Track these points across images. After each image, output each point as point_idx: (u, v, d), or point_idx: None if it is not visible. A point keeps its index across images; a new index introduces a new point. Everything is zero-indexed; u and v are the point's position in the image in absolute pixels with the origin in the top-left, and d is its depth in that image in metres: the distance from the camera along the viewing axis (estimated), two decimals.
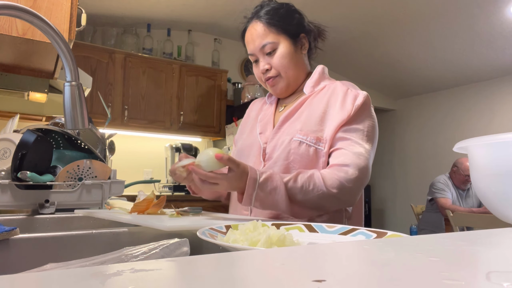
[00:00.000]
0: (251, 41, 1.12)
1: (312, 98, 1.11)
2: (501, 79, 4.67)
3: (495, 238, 0.47)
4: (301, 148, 1.02)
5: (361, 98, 1.04)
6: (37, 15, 0.68)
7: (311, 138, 1.02)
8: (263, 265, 0.31)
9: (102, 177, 1.14)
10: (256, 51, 1.12)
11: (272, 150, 1.08)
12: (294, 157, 1.02)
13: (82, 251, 0.68)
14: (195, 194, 1.11)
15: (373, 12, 3.69)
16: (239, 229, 0.61)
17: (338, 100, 1.06)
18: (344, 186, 0.96)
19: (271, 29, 1.10)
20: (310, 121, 1.05)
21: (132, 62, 3.61)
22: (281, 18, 1.11)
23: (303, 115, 1.07)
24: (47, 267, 0.44)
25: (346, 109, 1.03)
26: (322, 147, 1.02)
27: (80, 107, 0.73)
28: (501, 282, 0.25)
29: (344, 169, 0.97)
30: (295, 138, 1.03)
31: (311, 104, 1.09)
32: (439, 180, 3.65)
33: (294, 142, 1.03)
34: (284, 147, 1.04)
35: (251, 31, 1.12)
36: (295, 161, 1.02)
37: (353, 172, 0.96)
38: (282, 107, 1.18)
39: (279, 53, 1.09)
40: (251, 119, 1.26)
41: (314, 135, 1.03)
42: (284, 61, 1.09)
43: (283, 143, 1.05)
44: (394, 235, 0.59)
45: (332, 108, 1.05)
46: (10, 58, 1.36)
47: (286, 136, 1.06)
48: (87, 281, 0.25)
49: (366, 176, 0.99)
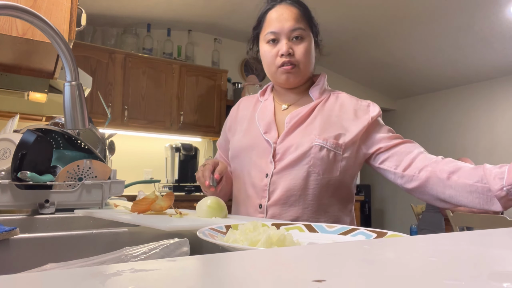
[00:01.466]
0: (282, 19, 1.09)
1: (322, 105, 1.13)
2: (501, 79, 4.67)
3: (495, 238, 0.47)
4: (322, 153, 1.04)
5: (376, 110, 1.11)
6: (37, 15, 0.68)
7: (331, 143, 1.05)
8: (263, 265, 0.31)
9: (102, 177, 1.14)
10: (283, 31, 1.08)
11: (285, 151, 1.07)
12: (315, 161, 1.04)
13: (82, 251, 0.68)
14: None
15: (373, 12, 3.69)
16: (239, 229, 0.61)
17: (350, 110, 1.11)
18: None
19: (304, 19, 1.10)
20: (326, 127, 1.08)
21: (132, 62, 3.61)
22: (310, 15, 1.13)
23: (317, 121, 1.09)
24: (47, 267, 0.44)
25: (363, 118, 1.09)
26: (341, 152, 1.06)
27: (80, 107, 0.73)
28: (501, 282, 0.25)
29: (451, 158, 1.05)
30: (315, 142, 1.05)
31: (322, 111, 1.11)
32: None
33: (315, 147, 1.05)
34: (304, 151, 1.05)
35: (283, 10, 1.10)
36: (315, 165, 1.04)
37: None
38: (285, 106, 1.16)
39: (305, 45, 1.09)
40: (243, 118, 1.23)
41: (333, 140, 1.06)
42: (307, 55, 1.10)
43: (299, 146, 1.06)
44: (394, 235, 0.59)
45: (346, 117, 1.10)
46: (10, 58, 1.36)
47: (302, 139, 1.06)
48: (87, 281, 0.25)
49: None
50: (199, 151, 3.84)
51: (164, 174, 3.81)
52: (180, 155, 3.68)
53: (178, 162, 3.68)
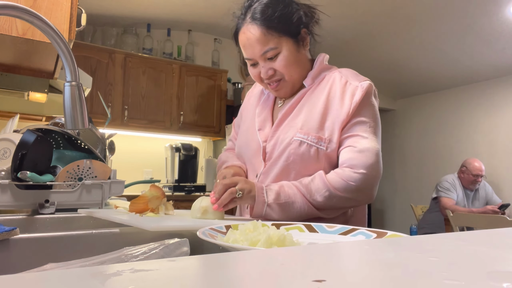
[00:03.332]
0: (249, 46, 1.02)
1: (312, 91, 1.05)
2: (501, 79, 4.67)
3: (495, 238, 0.47)
4: (302, 148, 0.98)
5: (359, 95, 0.99)
6: (37, 15, 0.68)
7: (312, 137, 0.98)
8: (263, 265, 0.31)
9: (102, 177, 1.14)
10: (256, 57, 1.02)
11: (272, 149, 1.04)
12: (294, 158, 0.98)
13: (82, 251, 0.68)
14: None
15: (373, 12, 3.69)
16: (239, 229, 0.61)
17: (337, 94, 1.01)
18: (350, 186, 0.94)
19: (271, 32, 0.99)
20: (310, 118, 1.00)
21: (132, 62, 3.61)
22: (281, 19, 1.00)
23: (303, 111, 1.03)
24: (47, 267, 0.44)
25: (346, 106, 0.99)
26: (324, 147, 0.98)
27: (80, 107, 0.73)
28: (501, 282, 0.25)
29: (349, 170, 0.95)
30: (295, 137, 0.99)
31: (310, 98, 1.04)
32: (446, 179, 3.64)
33: (294, 142, 0.99)
34: (283, 147, 1.00)
35: (247, 34, 1.01)
36: (295, 162, 0.99)
37: (359, 171, 0.95)
38: (281, 101, 1.12)
39: (282, 58, 1.01)
40: (251, 106, 1.20)
41: (315, 134, 0.98)
42: (288, 67, 1.02)
43: (282, 142, 1.01)
44: (394, 235, 0.59)
45: (332, 104, 1.01)
46: (10, 58, 1.36)
47: (285, 134, 1.01)
48: (87, 281, 0.25)
49: (375, 170, 0.97)
50: (199, 151, 3.84)
51: (164, 174, 3.81)
52: (180, 155, 3.68)
53: (178, 162, 3.68)
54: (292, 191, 0.94)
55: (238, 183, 0.91)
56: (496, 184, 4.33)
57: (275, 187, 0.94)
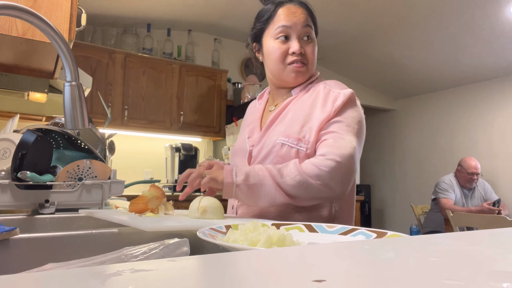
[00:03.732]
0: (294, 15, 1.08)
1: (297, 100, 1.11)
2: (501, 79, 4.67)
3: (495, 238, 0.47)
4: (283, 150, 1.03)
5: (341, 100, 1.03)
6: (37, 15, 0.68)
7: (293, 139, 1.03)
8: (263, 265, 0.31)
9: (102, 177, 1.14)
10: (296, 27, 1.08)
11: (258, 153, 1.09)
12: (277, 159, 1.04)
13: (82, 251, 0.68)
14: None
15: (373, 12, 3.69)
16: (239, 229, 0.61)
17: (319, 102, 1.06)
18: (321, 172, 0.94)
19: (310, 21, 1.11)
20: (293, 123, 1.06)
21: (132, 62, 3.61)
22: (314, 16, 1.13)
23: (288, 117, 1.08)
24: (47, 267, 0.44)
25: (327, 111, 1.03)
26: (304, 148, 1.02)
27: (80, 107, 0.73)
28: (501, 282, 0.25)
29: (323, 157, 0.96)
30: (278, 140, 1.04)
31: (295, 106, 1.10)
32: (444, 180, 3.67)
33: (277, 144, 1.04)
34: (268, 150, 1.06)
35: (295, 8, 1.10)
36: (278, 163, 1.02)
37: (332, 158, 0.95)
38: (273, 106, 1.18)
39: (313, 45, 1.11)
40: (244, 124, 1.28)
41: (295, 136, 1.03)
42: (314, 56, 1.11)
43: (267, 146, 1.07)
44: (394, 235, 0.59)
45: (314, 110, 1.05)
46: (10, 58, 1.36)
47: (271, 138, 1.07)
48: (87, 281, 0.25)
49: (348, 162, 0.96)
50: (199, 151, 3.84)
51: (164, 174, 3.81)
52: (180, 155, 3.68)
53: (178, 162, 3.68)
54: (263, 173, 0.95)
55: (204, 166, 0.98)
56: (495, 183, 4.34)
57: (246, 168, 0.96)
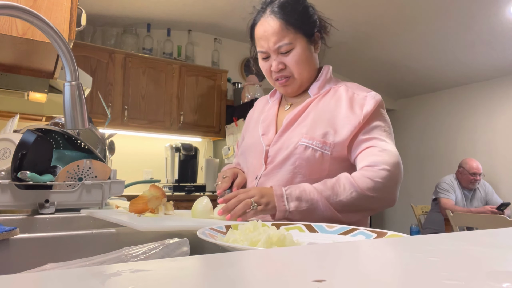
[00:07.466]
0: (265, 38, 1.04)
1: (318, 101, 1.08)
2: (501, 79, 4.67)
3: (495, 238, 0.47)
4: (307, 153, 1.00)
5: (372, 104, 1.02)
6: (37, 15, 0.68)
7: (317, 142, 1.00)
8: (263, 265, 0.31)
9: (102, 177, 1.14)
10: (270, 49, 1.05)
11: (275, 153, 1.06)
12: (300, 162, 1.00)
13: (82, 251, 0.68)
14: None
15: (373, 12, 3.69)
16: (239, 229, 0.61)
17: (343, 105, 1.04)
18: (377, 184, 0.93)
19: (289, 28, 1.03)
20: (316, 125, 1.03)
21: (132, 62, 3.61)
22: (299, 16, 1.05)
23: (309, 118, 1.05)
24: (47, 267, 0.44)
25: (356, 114, 1.01)
26: (329, 152, 1.00)
27: (80, 107, 0.73)
28: (501, 282, 0.25)
29: (374, 168, 0.95)
30: (300, 142, 1.01)
31: (316, 107, 1.07)
32: (445, 181, 3.67)
33: (300, 146, 1.01)
34: (289, 152, 1.02)
35: (265, 26, 1.04)
36: (301, 166, 1.00)
37: (383, 168, 0.95)
38: (288, 106, 1.15)
39: (295, 54, 1.04)
40: (254, 119, 1.24)
41: (320, 139, 1.00)
42: (299, 64, 1.05)
43: (288, 147, 1.03)
44: (394, 235, 0.59)
45: (338, 113, 1.03)
46: (10, 58, 1.36)
47: (291, 140, 1.04)
48: (87, 281, 0.25)
49: (399, 170, 0.98)
50: (199, 151, 3.84)
51: (164, 174, 3.81)
52: (180, 155, 3.68)
53: (178, 162, 3.68)
54: (315, 197, 0.92)
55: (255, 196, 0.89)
56: (495, 184, 4.33)
57: (296, 192, 0.92)
